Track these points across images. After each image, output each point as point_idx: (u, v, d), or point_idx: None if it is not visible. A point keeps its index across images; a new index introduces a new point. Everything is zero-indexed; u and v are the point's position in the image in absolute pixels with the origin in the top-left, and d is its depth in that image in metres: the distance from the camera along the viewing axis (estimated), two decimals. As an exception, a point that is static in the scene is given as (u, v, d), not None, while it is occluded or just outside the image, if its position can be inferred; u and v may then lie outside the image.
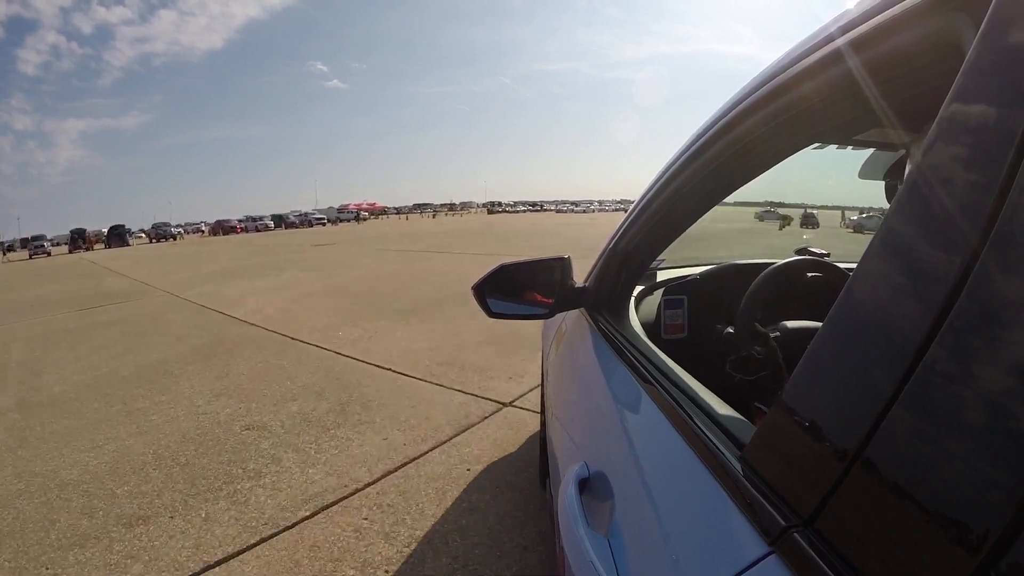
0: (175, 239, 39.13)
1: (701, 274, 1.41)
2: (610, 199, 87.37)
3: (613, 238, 1.07)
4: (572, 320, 1.28)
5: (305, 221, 47.33)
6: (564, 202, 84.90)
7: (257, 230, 43.22)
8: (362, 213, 56.37)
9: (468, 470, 2.20)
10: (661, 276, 1.50)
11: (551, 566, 1.57)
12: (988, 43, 0.29)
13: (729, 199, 0.90)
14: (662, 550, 0.47)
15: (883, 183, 1.08)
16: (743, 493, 0.39)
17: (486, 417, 2.71)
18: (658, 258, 1.29)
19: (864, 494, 0.29)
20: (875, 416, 0.28)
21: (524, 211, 68.96)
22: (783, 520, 0.33)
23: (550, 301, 1.04)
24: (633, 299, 1.17)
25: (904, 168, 0.96)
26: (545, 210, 72.19)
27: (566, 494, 0.64)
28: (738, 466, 0.42)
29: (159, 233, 41.07)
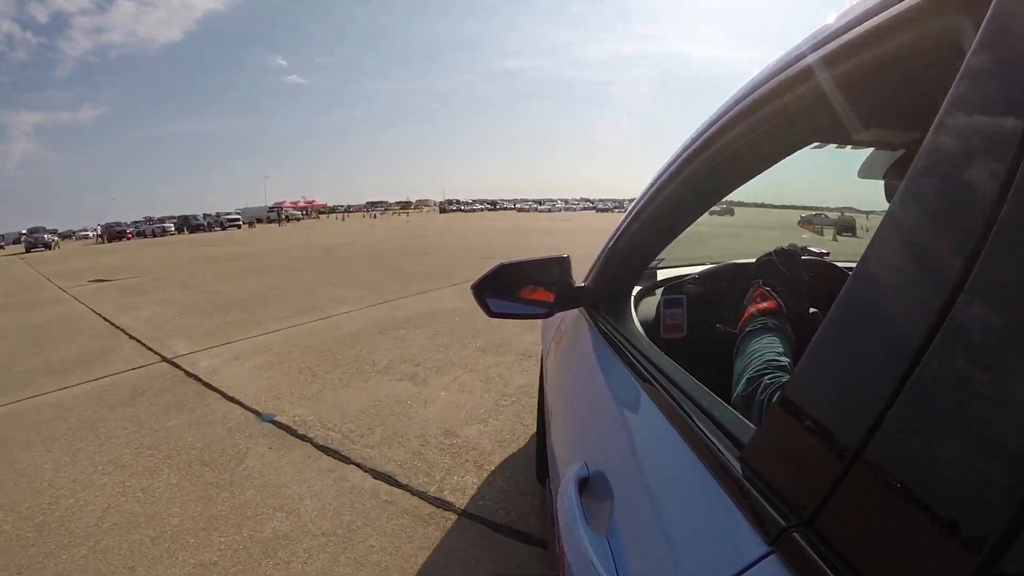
0: (49, 248, 30.44)
1: (701, 274, 1.41)
2: (576, 197, 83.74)
3: (612, 238, 1.07)
4: (571, 320, 1.28)
5: (216, 223, 40.30)
6: (526, 200, 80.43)
7: (154, 234, 36.54)
8: (284, 213, 50.36)
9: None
10: (660, 275, 1.50)
11: (551, 566, 1.57)
12: (988, 44, 0.29)
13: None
14: (662, 550, 0.47)
15: (883, 183, 1.08)
16: (743, 493, 0.39)
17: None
18: (658, 257, 1.29)
19: (864, 494, 0.29)
20: (875, 416, 0.28)
21: (481, 209, 65.22)
22: (783, 520, 0.33)
23: (550, 300, 1.04)
24: (632, 298, 1.17)
25: (904, 168, 0.96)
26: (504, 209, 67.59)
27: (566, 494, 0.64)
28: (738, 466, 0.42)
29: (31, 241, 31.07)
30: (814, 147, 0.88)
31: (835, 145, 0.98)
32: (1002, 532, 0.21)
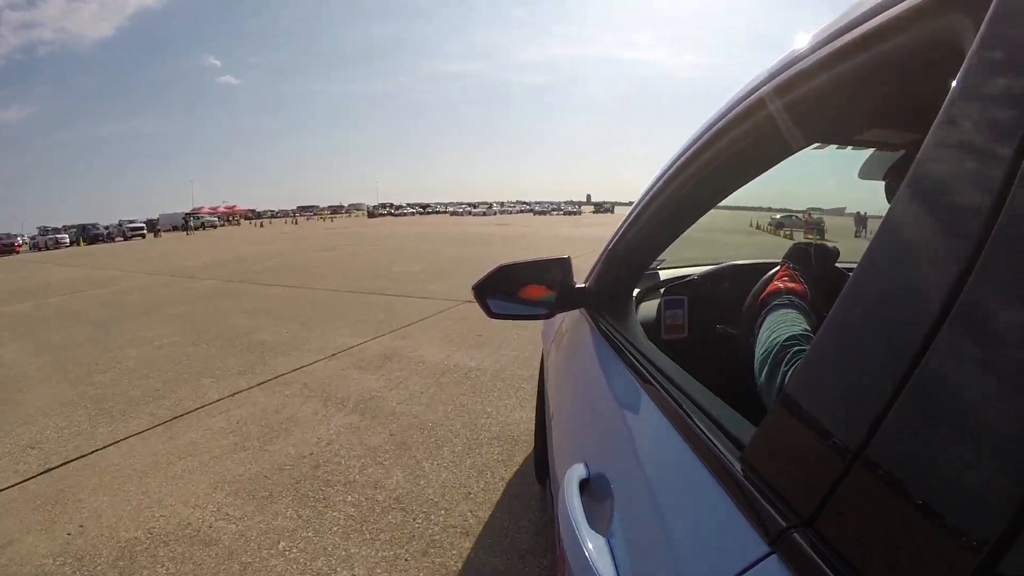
0: None
1: (701, 274, 1.41)
2: (512, 200, 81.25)
3: (613, 238, 1.07)
4: (572, 320, 1.28)
5: (119, 232, 36.51)
6: (460, 204, 76.11)
7: (47, 247, 32.29)
8: (193, 221, 44.30)
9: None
10: (661, 276, 1.50)
11: (551, 566, 1.57)
12: (988, 43, 0.29)
13: (730, 202, 0.90)
14: (662, 550, 0.47)
15: (883, 183, 1.08)
16: (743, 493, 0.39)
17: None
18: (658, 258, 1.29)
19: (864, 494, 0.28)
20: (875, 416, 0.28)
21: (412, 213, 62.61)
22: (783, 520, 0.33)
23: (550, 301, 1.04)
24: (633, 299, 1.17)
25: (904, 168, 0.96)
26: (438, 212, 64.78)
27: (566, 494, 0.64)
28: (738, 466, 0.42)
29: None
30: (814, 148, 0.88)
31: (835, 146, 0.98)
32: (1002, 532, 0.21)
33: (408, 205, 75.66)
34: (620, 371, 0.80)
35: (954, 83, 0.30)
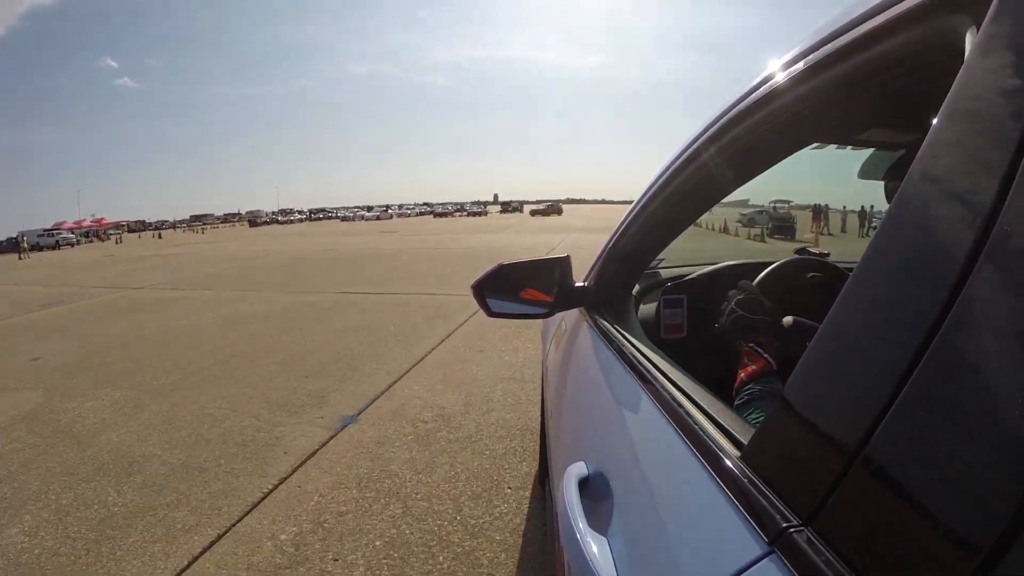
0: None
1: (701, 274, 1.41)
2: (418, 201, 79.27)
3: (613, 237, 1.07)
4: (572, 320, 1.28)
5: None
6: (359, 207, 71.69)
7: None
8: (25, 242, 31.52)
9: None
10: (660, 275, 1.50)
11: (551, 566, 1.57)
12: (988, 43, 0.29)
13: (729, 201, 0.90)
14: (662, 550, 0.47)
15: (882, 183, 1.08)
16: (743, 493, 0.39)
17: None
18: (657, 257, 1.29)
19: (864, 494, 0.29)
20: (875, 416, 0.28)
21: (300, 220, 56.47)
22: (783, 520, 0.33)
23: (550, 300, 1.04)
24: (632, 298, 1.17)
25: (904, 168, 0.96)
26: (330, 218, 59.69)
27: (566, 494, 0.64)
28: (738, 466, 0.42)
29: None
30: (814, 147, 0.88)
31: (835, 145, 0.98)
32: (1002, 532, 0.21)
33: (308, 211, 70.09)
34: (619, 370, 0.80)
35: (954, 83, 0.30)
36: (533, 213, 43.69)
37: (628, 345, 0.84)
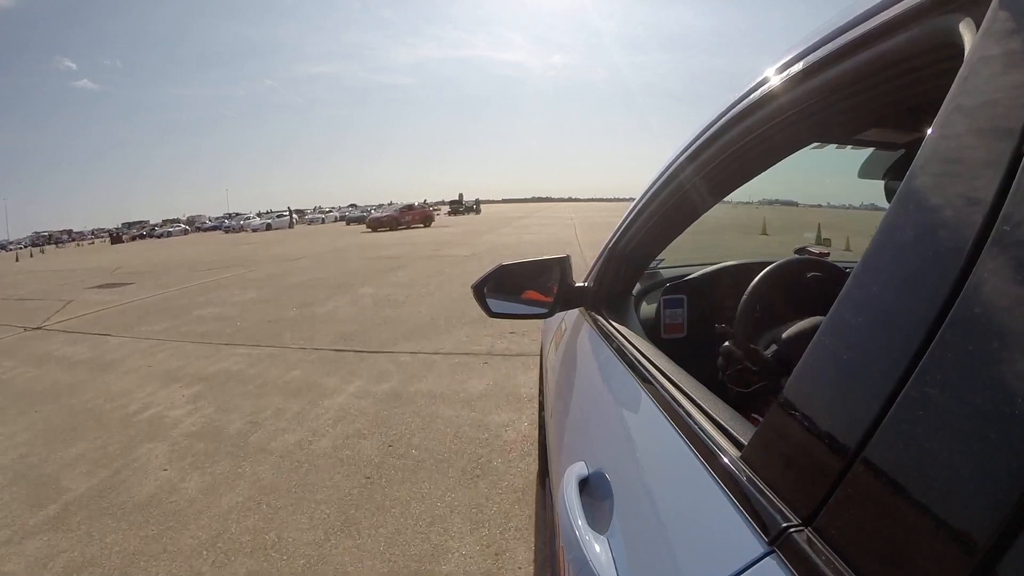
0: None
1: (701, 274, 1.41)
2: (345, 204, 70.09)
3: (613, 238, 1.07)
4: (572, 319, 1.28)
5: None
6: (269, 213, 51.98)
7: None
8: None
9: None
10: (660, 275, 1.51)
11: (551, 566, 1.57)
12: (988, 43, 0.29)
13: (730, 200, 0.90)
14: (661, 550, 0.47)
15: (882, 183, 1.08)
16: (743, 493, 0.39)
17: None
18: (658, 258, 1.29)
19: (864, 494, 0.29)
20: (875, 416, 0.28)
21: (184, 232, 45.01)
22: (783, 520, 0.33)
23: (550, 300, 1.04)
24: (633, 298, 1.17)
25: (904, 168, 0.96)
26: (215, 229, 47.21)
27: (566, 494, 0.64)
28: (738, 466, 0.42)
29: None
30: (814, 147, 0.88)
31: (835, 145, 0.98)
32: (1001, 532, 0.21)
33: (217, 217, 56.90)
34: (619, 370, 0.80)
35: (954, 83, 0.30)
36: (450, 213, 40.21)
37: (628, 345, 0.84)
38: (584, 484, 0.67)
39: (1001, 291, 0.24)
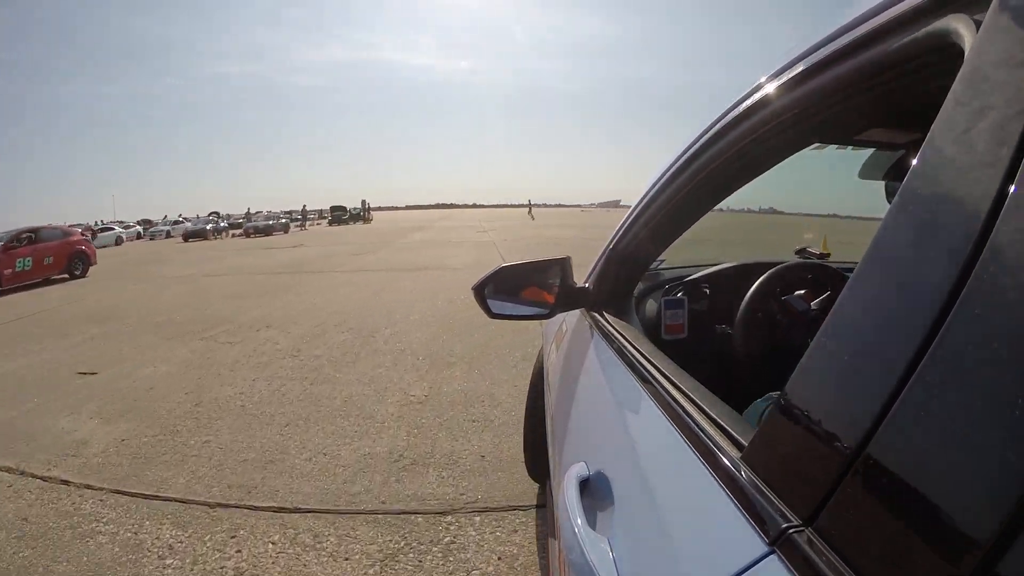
0: None
1: (701, 274, 1.41)
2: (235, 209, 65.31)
3: (613, 238, 1.07)
4: (573, 320, 1.28)
5: None
6: (187, 219, 43.99)
7: None
8: None
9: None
10: (661, 276, 1.50)
11: (551, 566, 1.57)
12: (988, 43, 0.29)
13: (730, 201, 0.90)
14: (662, 550, 0.47)
15: (883, 183, 1.08)
16: (743, 493, 0.39)
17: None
18: (658, 258, 1.29)
19: (864, 495, 0.28)
20: (875, 417, 0.28)
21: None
22: (783, 521, 0.33)
23: (551, 301, 1.04)
24: (633, 299, 1.17)
25: (904, 168, 0.96)
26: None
27: (566, 494, 0.64)
28: (738, 466, 0.42)
29: None
30: (814, 147, 0.88)
31: (835, 145, 0.98)
32: (1001, 532, 0.21)
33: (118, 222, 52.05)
34: (620, 371, 0.80)
35: (954, 83, 0.30)
36: (331, 223, 37.75)
37: (629, 346, 0.84)
38: (585, 485, 0.67)
39: (1001, 291, 0.24)
